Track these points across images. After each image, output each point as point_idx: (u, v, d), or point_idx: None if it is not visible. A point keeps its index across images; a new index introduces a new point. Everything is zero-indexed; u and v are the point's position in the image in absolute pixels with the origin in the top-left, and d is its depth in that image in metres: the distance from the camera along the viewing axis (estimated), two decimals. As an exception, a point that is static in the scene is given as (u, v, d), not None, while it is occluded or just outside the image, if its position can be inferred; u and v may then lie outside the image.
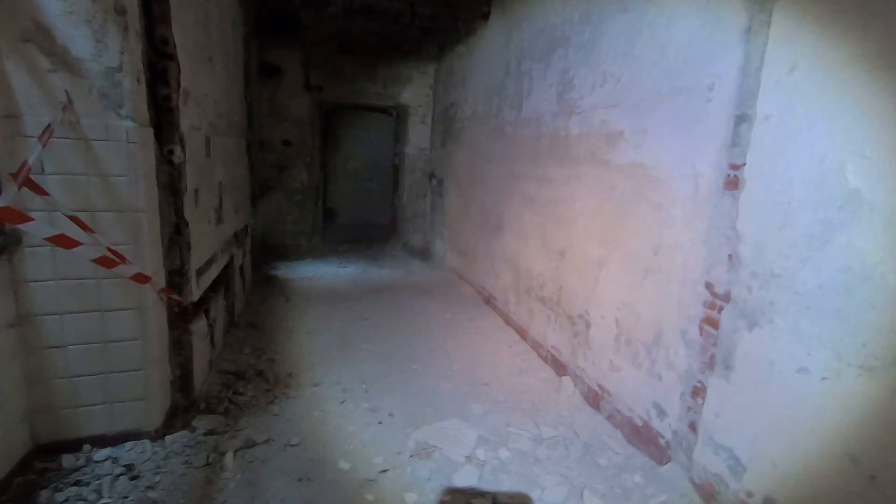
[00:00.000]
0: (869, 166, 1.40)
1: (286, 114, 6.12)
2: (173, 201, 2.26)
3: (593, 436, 2.48)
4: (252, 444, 2.21)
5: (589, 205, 2.86)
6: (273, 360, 3.11)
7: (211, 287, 2.99)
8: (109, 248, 1.86)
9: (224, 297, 3.28)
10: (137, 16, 1.95)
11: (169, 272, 2.27)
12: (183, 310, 2.40)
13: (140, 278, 1.94)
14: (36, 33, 1.73)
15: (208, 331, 2.79)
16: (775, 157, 1.68)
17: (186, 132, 2.36)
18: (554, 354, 3.22)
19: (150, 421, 2.15)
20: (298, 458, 2.16)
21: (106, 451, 2.05)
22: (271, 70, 5.90)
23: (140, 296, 2.04)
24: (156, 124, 2.13)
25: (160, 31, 2.12)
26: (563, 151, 3.17)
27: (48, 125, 1.72)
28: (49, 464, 1.95)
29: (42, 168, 1.80)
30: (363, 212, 9.01)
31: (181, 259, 2.34)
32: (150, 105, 2.08)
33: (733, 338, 1.84)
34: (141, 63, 1.98)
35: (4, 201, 1.52)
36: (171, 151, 2.22)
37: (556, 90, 3.27)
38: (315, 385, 2.83)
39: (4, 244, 1.78)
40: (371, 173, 8.88)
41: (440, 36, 6.17)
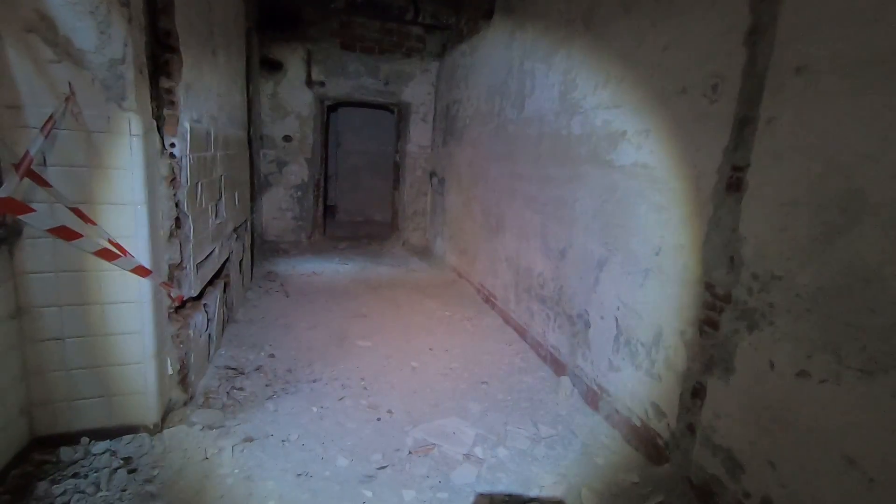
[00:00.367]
0: (875, 168, 1.40)
1: (288, 109, 6.11)
2: (174, 195, 2.25)
3: (591, 435, 2.48)
4: (250, 440, 2.21)
5: (590, 204, 2.86)
6: (272, 356, 3.10)
7: (210, 282, 2.98)
8: (110, 241, 1.86)
9: (223, 292, 3.27)
10: (141, 7, 1.94)
11: (169, 266, 2.27)
12: (182, 304, 2.40)
13: (141, 271, 1.94)
14: (39, 23, 1.72)
15: (207, 325, 2.79)
16: (779, 159, 1.68)
17: (188, 126, 2.36)
18: (553, 354, 3.22)
19: (149, 415, 2.14)
20: (296, 454, 2.16)
21: (104, 445, 2.04)
22: (273, 65, 5.89)
23: (140, 289, 2.03)
24: (157, 117, 2.13)
25: (163, 24, 2.12)
26: (565, 151, 3.17)
27: (51, 116, 1.71)
28: (47, 456, 1.95)
29: (44, 159, 1.80)
30: (363, 209, 9.00)
31: (181, 253, 2.34)
32: (153, 97, 2.08)
33: (733, 339, 1.85)
34: (144, 55, 1.98)
35: (6, 192, 1.52)
36: (173, 144, 2.22)
37: (559, 90, 3.27)
38: (314, 381, 2.83)
39: (5, 235, 1.78)
40: (372, 170, 8.87)
41: (443, 33, 6.17)
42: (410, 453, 2.23)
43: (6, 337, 1.82)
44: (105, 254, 1.80)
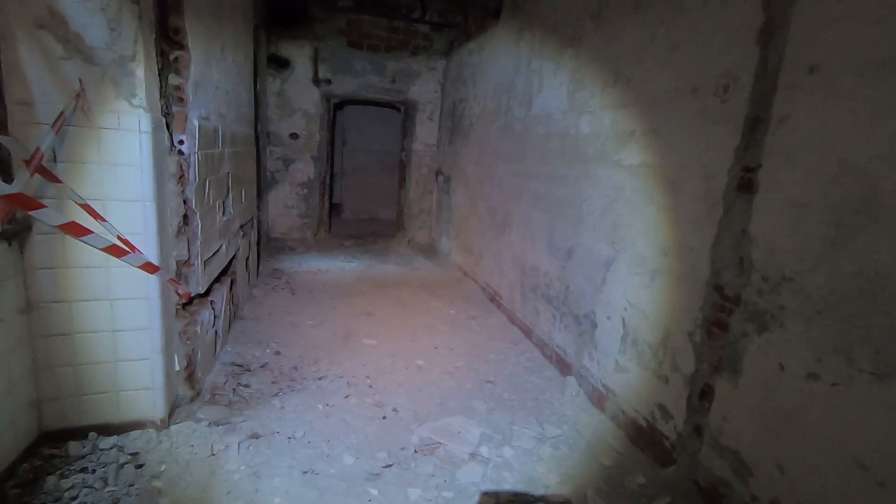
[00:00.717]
0: (890, 169, 1.38)
1: (294, 107, 6.12)
2: (182, 192, 2.26)
3: (597, 436, 2.47)
4: (257, 436, 2.22)
5: (597, 204, 2.85)
6: (278, 353, 3.11)
7: (217, 278, 2.99)
8: (119, 237, 1.87)
9: (230, 289, 3.28)
10: (151, 4, 1.94)
11: (176, 262, 2.28)
12: (189, 300, 2.41)
13: (149, 268, 1.94)
14: (50, 20, 1.73)
15: (214, 322, 2.80)
16: (792, 160, 1.66)
17: (196, 123, 2.36)
18: (559, 354, 3.21)
19: (156, 411, 2.15)
20: (303, 452, 2.16)
21: (112, 440, 2.06)
22: (280, 62, 5.90)
23: (148, 286, 2.04)
24: (166, 114, 2.13)
25: (173, 21, 2.12)
26: (573, 150, 3.16)
27: (61, 112, 1.72)
28: (56, 450, 1.96)
29: (54, 155, 1.81)
30: (369, 207, 9.01)
31: (189, 250, 2.34)
32: (162, 94, 2.08)
33: (742, 341, 1.83)
34: (154, 52, 1.98)
35: (17, 188, 1.52)
36: (182, 142, 2.22)
37: (567, 88, 3.25)
38: (319, 379, 2.83)
39: (15, 231, 1.79)
40: (378, 169, 8.87)
41: (450, 32, 6.15)
42: (416, 452, 2.23)
43: (16, 332, 1.83)
44: (114, 250, 1.80)
